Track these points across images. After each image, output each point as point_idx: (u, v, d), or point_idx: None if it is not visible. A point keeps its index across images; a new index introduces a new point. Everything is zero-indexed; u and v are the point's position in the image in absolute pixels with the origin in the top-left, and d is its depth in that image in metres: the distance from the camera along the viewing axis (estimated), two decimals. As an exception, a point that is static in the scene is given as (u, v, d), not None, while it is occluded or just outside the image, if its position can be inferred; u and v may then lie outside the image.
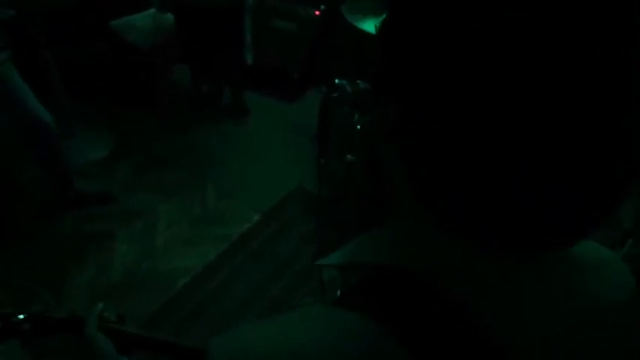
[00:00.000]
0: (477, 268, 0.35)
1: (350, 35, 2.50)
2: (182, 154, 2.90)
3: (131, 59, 2.94)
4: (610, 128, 0.28)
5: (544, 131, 0.27)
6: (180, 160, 2.86)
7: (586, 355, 0.38)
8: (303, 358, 0.33)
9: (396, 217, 0.39)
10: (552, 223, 0.31)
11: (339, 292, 1.93)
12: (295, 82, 3.07)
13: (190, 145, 2.96)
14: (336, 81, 1.90)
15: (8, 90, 2.01)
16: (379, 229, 0.40)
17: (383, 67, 0.35)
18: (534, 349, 0.35)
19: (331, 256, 0.41)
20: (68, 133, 2.59)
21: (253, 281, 2.26)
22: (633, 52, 0.27)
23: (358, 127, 1.78)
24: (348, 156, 1.85)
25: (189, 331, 2.07)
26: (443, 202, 0.33)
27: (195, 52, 2.96)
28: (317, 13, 2.95)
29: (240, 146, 2.96)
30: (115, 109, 3.08)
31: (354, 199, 1.93)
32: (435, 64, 0.30)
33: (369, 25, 2.33)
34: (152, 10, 2.93)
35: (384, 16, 0.35)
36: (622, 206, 0.32)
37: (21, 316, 0.75)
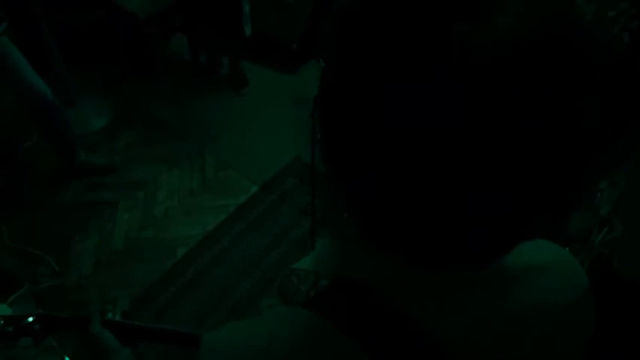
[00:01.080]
0: (411, 278, 0.39)
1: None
2: (181, 125, 2.93)
3: (129, 28, 2.93)
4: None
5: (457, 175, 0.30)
6: (180, 131, 2.89)
7: None
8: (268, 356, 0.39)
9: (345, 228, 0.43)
10: (471, 243, 0.34)
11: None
12: (294, 53, 3.05)
13: (189, 115, 2.98)
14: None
15: (7, 64, 2.02)
16: (335, 239, 0.45)
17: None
18: (466, 353, 0.39)
19: (302, 260, 0.46)
20: (69, 104, 2.62)
21: (251, 250, 2.34)
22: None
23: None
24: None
25: (188, 298, 2.16)
26: (372, 224, 0.37)
27: (193, 21, 2.94)
28: (317, -18, 2.91)
29: (238, 117, 2.98)
30: (114, 78, 3.09)
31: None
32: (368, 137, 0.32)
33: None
34: (150, -22, 2.90)
35: None
36: (598, 194, 0.35)
37: (30, 319, 0.83)
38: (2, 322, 0.82)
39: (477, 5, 0.29)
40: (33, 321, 0.83)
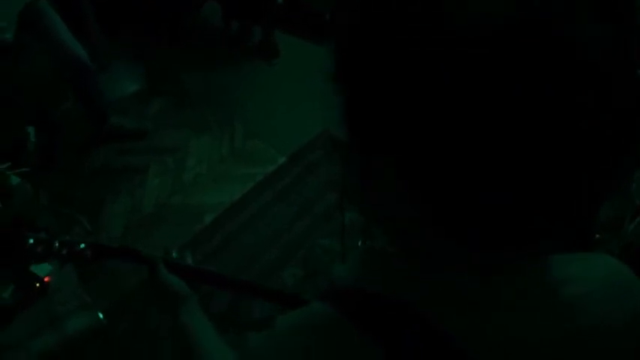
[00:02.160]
0: (448, 293, 0.38)
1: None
2: (212, 92, 2.94)
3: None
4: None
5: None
6: (210, 98, 2.91)
7: None
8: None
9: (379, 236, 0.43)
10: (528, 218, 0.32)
11: (359, 243, 2.01)
12: (326, 23, 3.01)
13: (220, 83, 2.99)
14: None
15: (44, 26, 2.05)
16: (368, 250, 0.45)
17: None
18: None
19: (336, 268, 0.45)
20: (102, 68, 2.65)
21: (276, 221, 2.37)
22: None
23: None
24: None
25: (213, 264, 2.21)
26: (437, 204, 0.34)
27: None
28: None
29: (268, 87, 2.97)
30: (146, 45, 3.10)
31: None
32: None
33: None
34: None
35: None
36: (633, 182, 0.34)
37: (82, 245, 0.87)
38: (57, 244, 0.85)
39: None
40: (85, 247, 0.87)
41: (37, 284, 1.50)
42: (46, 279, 1.52)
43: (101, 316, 1.50)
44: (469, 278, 0.38)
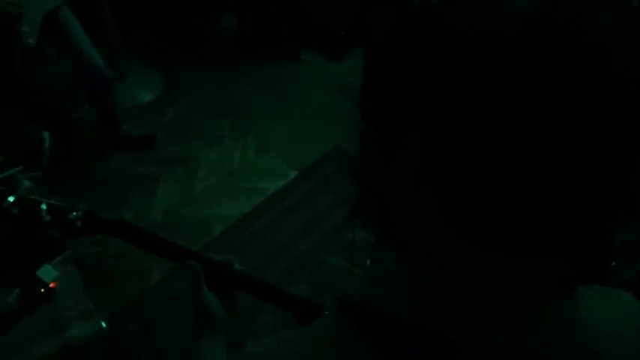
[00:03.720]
0: (469, 318, 0.37)
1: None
2: (225, 103, 2.95)
3: (180, 5, 2.97)
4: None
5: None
6: (224, 109, 2.91)
7: None
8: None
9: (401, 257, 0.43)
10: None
11: (368, 261, 1.99)
12: (342, 40, 3.02)
13: (234, 95, 3.00)
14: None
15: (66, 33, 2.08)
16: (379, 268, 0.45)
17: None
18: None
19: (351, 285, 0.45)
20: (120, 77, 2.68)
21: (285, 235, 2.34)
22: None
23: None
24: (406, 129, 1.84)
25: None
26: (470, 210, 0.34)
27: (244, 3, 2.95)
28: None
29: (282, 101, 2.97)
30: (163, 55, 3.13)
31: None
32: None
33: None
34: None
35: None
36: None
37: (74, 214, 0.80)
38: (44, 208, 0.77)
39: None
40: (76, 217, 0.79)
41: (42, 289, 1.49)
42: (51, 284, 1.51)
43: (104, 324, 1.49)
44: (490, 313, 0.37)
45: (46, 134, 2.34)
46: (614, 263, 1.44)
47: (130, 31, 2.86)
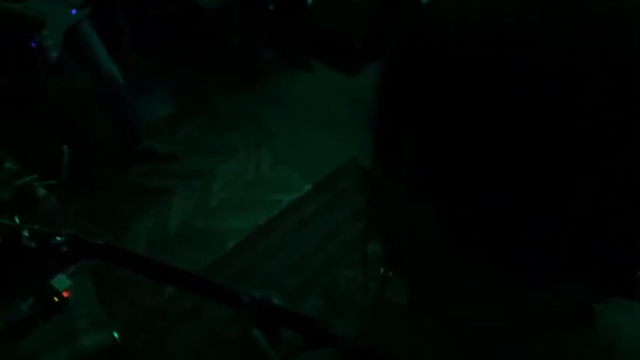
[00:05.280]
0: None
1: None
2: (241, 117, 2.98)
3: (195, 21, 3.02)
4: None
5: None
6: (239, 123, 2.94)
7: None
8: None
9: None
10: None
11: (382, 270, 1.96)
12: (356, 53, 3.03)
13: (249, 109, 3.03)
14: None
15: (86, 47, 2.13)
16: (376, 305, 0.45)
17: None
18: None
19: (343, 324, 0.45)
20: (137, 91, 2.72)
21: (300, 249, 2.33)
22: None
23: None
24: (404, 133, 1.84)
25: (234, 289, 2.17)
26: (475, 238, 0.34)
27: (258, 17, 2.99)
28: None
29: (297, 115, 2.99)
30: (179, 69, 3.19)
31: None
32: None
33: None
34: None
35: None
36: None
37: (59, 238, 0.74)
38: (26, 234, 0.71)
39: None
40: (61, 242, 0.72)
41: (56, 299, 1.49)
42: (64, 294, 1.51)
43: (116, 335, 1.48)
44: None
45: (64, 147, 2.38)
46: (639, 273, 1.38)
47: (146, 46, 2.91)
